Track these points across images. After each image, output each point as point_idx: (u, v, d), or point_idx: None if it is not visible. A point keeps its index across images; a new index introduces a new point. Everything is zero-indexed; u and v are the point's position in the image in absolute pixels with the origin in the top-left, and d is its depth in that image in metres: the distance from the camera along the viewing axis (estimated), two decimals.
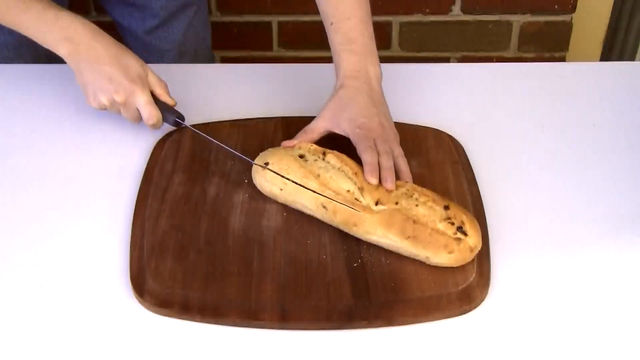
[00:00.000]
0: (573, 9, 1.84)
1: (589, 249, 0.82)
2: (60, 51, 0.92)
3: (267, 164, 0.84)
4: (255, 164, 0.85)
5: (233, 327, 0.74)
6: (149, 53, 1.27)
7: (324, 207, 0.80)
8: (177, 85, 1.06)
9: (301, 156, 0.84)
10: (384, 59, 0.96)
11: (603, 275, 0.79)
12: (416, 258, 0.78)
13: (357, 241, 0.80)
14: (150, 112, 0.93)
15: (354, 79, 0.91)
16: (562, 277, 0.79)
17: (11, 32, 0.96)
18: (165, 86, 0.96)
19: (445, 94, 1.06)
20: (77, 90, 1.05)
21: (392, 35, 1.84)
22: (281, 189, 0.83)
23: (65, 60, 0.93)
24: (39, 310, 0.75)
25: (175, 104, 0.96)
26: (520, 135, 0.98)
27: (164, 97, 0.95)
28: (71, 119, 1.00)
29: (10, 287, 0.77)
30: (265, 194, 0.85)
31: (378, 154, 0.84)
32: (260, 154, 0.87)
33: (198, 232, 0.82)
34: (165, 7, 1.23)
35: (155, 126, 0.94)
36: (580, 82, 1.09)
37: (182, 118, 0.96)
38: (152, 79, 0.94)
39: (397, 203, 0.79)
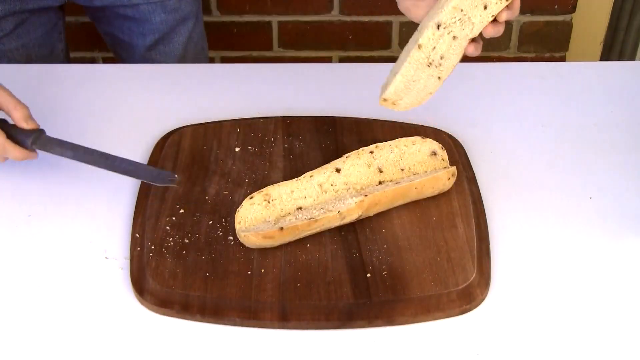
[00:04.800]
0: (573, 9, 1.84)
1: (589, 248, 0.82)
2: None
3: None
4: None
5: (233, 326, 0.74)
6: None
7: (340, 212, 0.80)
8: (177, 85, 1.07)
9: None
10: (384, 59, 0.96)
11: (603, 275, 0.79)
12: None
13: (357, 241, 0.80)
14: (11, 153, 0.84)
15: None
16: (562, 277, 0.79)
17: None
18: (24, 110, 0.86)
19: (445, 94, 1.06)
20: (77, 90, 1.05)
21: (392, 35, 1.84)
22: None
23: None
24: (38, 310, 0.75)
25: (36, 127, 0.86)
26: (520, 134, 0.98)
27: (21, 124, 0.85)
28: (71, 119, 1.00)
29: (9, 287, 0.77)
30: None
31: None
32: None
33: (198, 232, 0.82)
34: (165, 21, 1.23)
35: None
36: (580, 82, 1.09)
37: (40, 137, 0.86)
38: (6, 105, 0.85)
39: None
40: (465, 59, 1.00)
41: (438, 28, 0.80)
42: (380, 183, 0.85)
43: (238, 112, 1.00)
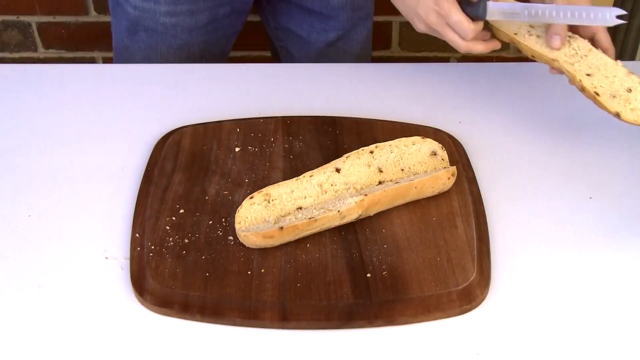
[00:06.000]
0: None
1: (589, 248, 0.82)
2: None
3: None
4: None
5: (233, 326, 0.74)
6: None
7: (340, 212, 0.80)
8: (177, 85, 1.07)
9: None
10: (384, 59, 0.96)
11: (603, 275, 0.79)
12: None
13: (357, 241, 0.80)
14: (464, 31, 0.89)
15: None
16: (562, 277, 0.79)
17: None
18: None
19: (445, 94, 1.06)
20: (77, 90, 1.05)
21: (392, 35, 1.84)
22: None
23: None
24: (38, 310, 0.75)
25: None
26: (520, 134, 0.98)
27: None
28: (71, 119, 1.00)
29: (9, 287, 0.77)
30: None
31: None
32: None
33: (198, 232, 0.82)
34: (350, 18, 1.19)
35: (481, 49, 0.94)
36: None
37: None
38: None
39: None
40: (467, 58, 1.00)
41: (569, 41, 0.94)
42: (380, 183, 0.85)
43: (238, 112, 1.00)
